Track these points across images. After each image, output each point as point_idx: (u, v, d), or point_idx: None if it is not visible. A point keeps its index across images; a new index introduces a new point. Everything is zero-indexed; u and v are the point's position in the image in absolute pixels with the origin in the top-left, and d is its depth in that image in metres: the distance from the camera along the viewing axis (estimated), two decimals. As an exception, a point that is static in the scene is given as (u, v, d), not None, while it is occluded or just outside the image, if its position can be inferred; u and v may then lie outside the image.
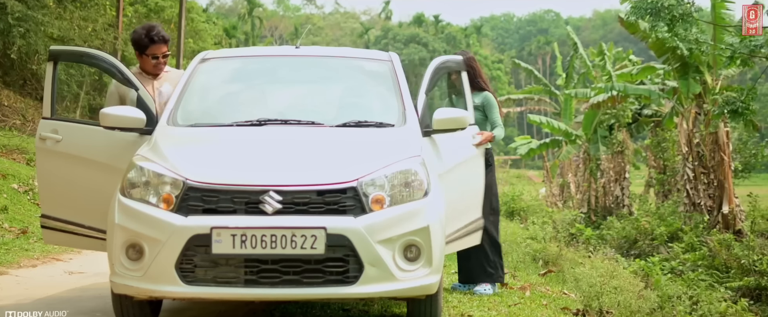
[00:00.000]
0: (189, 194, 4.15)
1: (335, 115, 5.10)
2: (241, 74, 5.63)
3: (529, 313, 5.89)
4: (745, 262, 12.25)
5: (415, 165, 4.37)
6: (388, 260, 4.13)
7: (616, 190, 21.88)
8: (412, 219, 4.22)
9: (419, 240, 4.23)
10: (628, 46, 38.37)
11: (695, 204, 16.71)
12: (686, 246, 14.48)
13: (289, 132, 4.80)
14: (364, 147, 4.57)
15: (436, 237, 4.29)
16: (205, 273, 4.08)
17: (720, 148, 16.45)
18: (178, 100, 5.11)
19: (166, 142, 4.62)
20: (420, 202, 4.29)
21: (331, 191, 4.16)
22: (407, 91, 5.26)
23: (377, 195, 4.21)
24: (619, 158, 22.06)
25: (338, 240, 4.05)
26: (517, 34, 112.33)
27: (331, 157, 4.42)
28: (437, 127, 5.02)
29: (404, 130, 4.88)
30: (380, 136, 4.78)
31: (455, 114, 5.07)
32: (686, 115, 17.21)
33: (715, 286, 11.39)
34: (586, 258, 8.18)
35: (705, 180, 16.65)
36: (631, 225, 17.30)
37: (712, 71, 16.93)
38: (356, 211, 4.15)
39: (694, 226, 15.52)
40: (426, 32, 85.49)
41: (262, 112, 5.03)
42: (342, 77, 5.58)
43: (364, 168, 4.26)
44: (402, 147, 4.57)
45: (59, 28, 16.26)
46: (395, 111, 5.09)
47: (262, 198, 4.12)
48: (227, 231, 4.04)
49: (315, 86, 5.52)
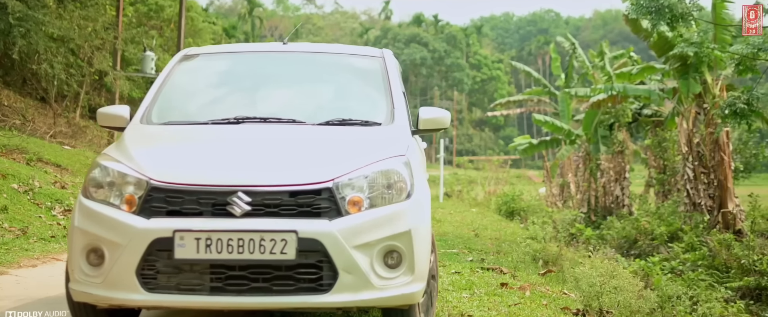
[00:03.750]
0: (152, 195, 3.89)
1: (319, 113, 4.80)
2: (224, 71, 5.40)
3: (529, 313, 5.88)
4: (745, 262, 12.25)
5: (397, 166, 4.11)
6: (365, 267, 3.85)
7: (616, 190, 21.89)
8: (393, 223, 3.95)
9: (400, 245, 3.95)
10: (628, 46, 38.39)
11: (695, 204, 16.72)
12: (686, 246, 14.48)
13: (266, 130, 4.53)
14: (344, 146, 4.31)
15: (420, 242, 4.03)
16: (167, 279, 3.81)
17: (720, 147, 16.45)
18: (154, 97, 4.90)
19: (135, 141, 4.40)
20: (401, 205, 4.02)
21: (305, 192, 3.89)
22: (399, 88, 5.04)
23: (354, 196, 3.94)
24: (619, 158, 22.07)
25: (310, 245, 3.79)
26: (517, 34, 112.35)
27: (308, 156, 4.15)
28: (424, 127, 4.84)
29: (391, 128, 4.63)
30: (364, 134, 4.50)
31: (440, 113, 4.89)
32: (686, 115, 17.21)
33: (715, 286, 11.39)
34: (586, 258, 8.18)
35: (705, 180, 16.65)
36: (631, 225, 17.31)
37: (712, 71, 16.93)
38: (331, 214, 3.87)
39: (694, 226, 15.53)
40: (426, 32, 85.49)
41: (241, 110, 4.80)
42: (329, 74, 5.34)
43: (342, 168, 4.00)
44: (386, 146, 4.30)
45: (59, 27, 16.24)
46: (383, 109, 4.85)
47: (229, 199, 3.84)
48: (191, 234, 3.77)
49: (300, 83, 5.25)
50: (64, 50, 17.09)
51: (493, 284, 7.11)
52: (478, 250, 10.76)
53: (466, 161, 63.42)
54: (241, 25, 66.62)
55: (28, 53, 16.40)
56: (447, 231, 13.52)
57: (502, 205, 22.57)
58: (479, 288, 6.77)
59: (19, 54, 15.81)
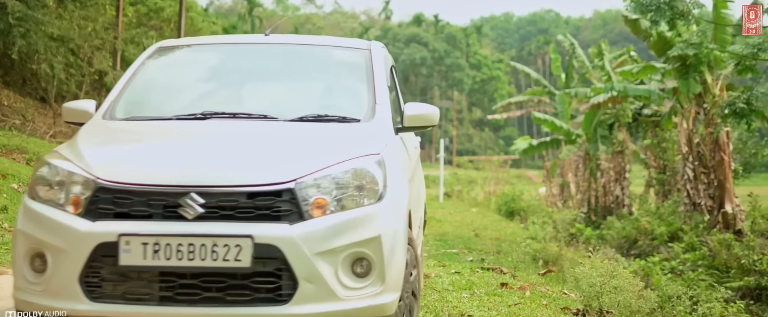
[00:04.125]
0: (99, 196, 3.58)
1: (294, 108, 4.43)
2: (199, 64, 5.08)
3: (529, 313, 5.88)
4: (746, 262, 12.25)
5: (369, 165, 3.76)
6: (329, 276, 3.53)
7: (616, 190, 21.90)
8: (361, 228, 3.62)
9: (369, 252, 3.62)
10: (628, 46, 38.37)
11: (695, 204, 16.72)
12: (686, 246, 14.49)
13: (232, 127, 4.21)
14: (314, 143, 3.96)
15: (391, 249, 3.69)
16: (113, 288, 3.50)
17: (720, 147, 16.45)
18: (120, 91, 4.58)
19: (89, 138, 4.09)
20: (371, 208, 3.68)
21: (264, 193, 3.56)
22: (383, 83, 4.66)
23: (319, 198, 3.61)
24: (619, 158, 22.08)
25: (268, 252, 3.46)
26: (517, 34, 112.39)
27: (271, 154, 3.81)
28: (409, 124, 4.51)
29: (370, 125, 4.26)
30: (339, 131, 4.14)
31: (427, 110, 4.54)
32: (686, 114, 17.21)
33: (715, 286, 11.39)
34: (586, 258, 8.16)
35: (705, 180, 16.66)
36: (631, 225, 17.32)
37: (712, 71, 16.93)
38: (293, 218, 3.55)
39: (694, 226, 15.53)
40: (426, 32, 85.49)
41: (211, 105, 4.46)
42: (310, 67, 4.97)
43: (306, 167, 3.67)
44: (360, 144, 3.95)
45: (59, 27, 16.25)
46: (364, 104, 4.46)
47: (181, 200, 3.53)
48: (137, 238, 3.45)
49: (278, 77, 4.88)
50: (64, 50, 17.10)
51: (493, 284, 7.11)
52: (478, 250, 10.77)
53: (466, 161, 63.43)
54: (241, 25, 66.62)
55: (28, 53, 16.40)
56: (447, 231, 13.51)
57: (502, 205, 22.58)
58: (479, 288, 6.77)
59: (18, 54, 15.82)
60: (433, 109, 4.54)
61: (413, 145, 5.44)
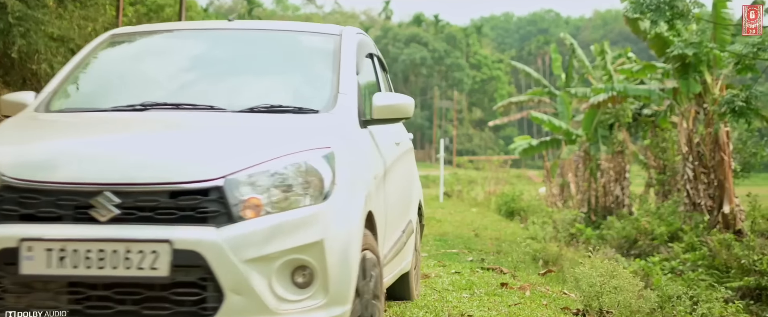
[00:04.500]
0: (4, 195, 3.18)
1: (247, 98, 4.02)
2: (152, 51, 4.65)
3: (529, 313, 5.88)
4: (745, 262, 12.25)
5: (313, 159, 3.34)
6: (261, 286, 3.11)
7: (616, 190, 21.91)
8: (301, 231, 3.20)
9: (310, 259, 3.20)
10: (628, 46, 38.38)
11: (695, 204, 16.72)
12: (686, 246, 14.49)
13: (171, 118, 3.81)
14: (257, 136, 3.54)
15: (339, 255, 3.27)
16: (16, 300, 3.10)
17: (720, 147, 16.46)
18: (60, 82, 4.22)
19: (10, 132, 3.71)
20: (314, 209, 3.26)
21: (188, 192, 3.14)
22: (351, 71, 4.21)
23: (252, 198, 3.19)
24: (619, 158, 22.08)
25: (189, 259, 3.05)
26: (517, 34, 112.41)
27: (204, 148, 3.39)
28: (379, 116, 4.08)
29: (329, 117, 3.82)
30: (291, 123, 3.71)
31: (398, 100, 4.13)
32: (686, 114, 17.21)
33: (715, 286, 11.39)
34: (586, 258, 8.16)
35: (705, 180, 16.66)
36: (631, 225, 17.32)
37: (712, 70, 16.93)
38: (221, 220, 3.13)
39: (694, 226, 15.53)
40: (426, 32, 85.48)
41: (156, 95, 4.04)
42: (272, 54, 4.50)
43: (240, 163, 3.24)
44: (310, 136, 3.52)
45: (59, 27, 16.25)
46: (325, 94, 4.00)
47: (94, 200, 3.12)
48: (40, 244, 3.05)
49: (235, 64, 4.41)
50: (64, 50, 17.09)
51: (493, 284, 7.11)
52: (478, 250, 10.77)
53: (467, 161, 63.43)
54: (241, 25, 66.60)
55: (27, 53, 16.39)
56: (447, 231, 13.51)
57: (502, 205, 22.58)
58: (479, 288, 6.77)
59: (18, 54, 15.81)
60: (406, 100, 4.15)
61: (394, 140, 4.92)
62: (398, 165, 4.86)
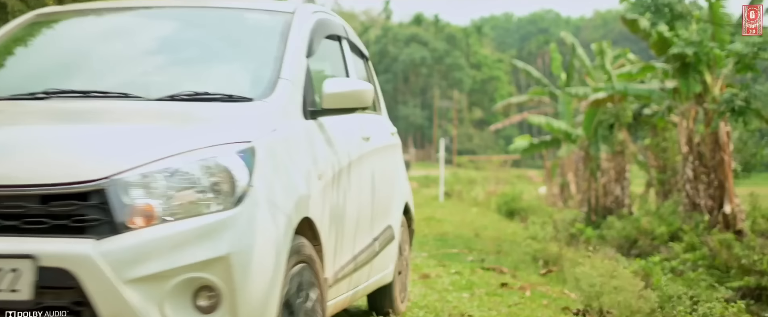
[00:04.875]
0: None
1: (171, 84, 3.47)
2: (74, 32, 4.10)
3: (530, 313, 5.88)
4: (746, 262, 12.25)
5: (225, 156, 2.77)
6: (150, 313, 2.55)
7: (617, 190, 21.91)
8: (204, 244, 2.62)
9: (214, 278, 2.62)
10: (628, 46, 38.39)
11: (695, 204, 16.71)
12: (687, 246, 14.48)
13: (71, 108, 3.28)
14: (164, 129, 2.97)
15: (249, 272, 2.68)
16: None
17: (720, 147, 16.45)
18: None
19: None
20: (221, 216, 2.68)
21: (62, 195, 2.58)
22: (297, 54, 3.62)
23: (142, 203, 2.62)
24: (620, 158, 22.08)
25: (57, 279, 2.50)
26: (517, 34, 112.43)
27: (94, 143, 2.81)
28: (330, 105, 3.51)
29: (262, 105, 3.25)
30: (214, 112, 3.16)
31: (352, 86, 3.57)
32: (686, 114, 17.21)
33: (715, 286, 11.40)
34: (586, 258, 8.16)
35: (705, 179, 16.66)
36: (632, 224, 17.32)
37: (712, 70, 16.93)
38: (102, 230, 2.58)
39: (694, 226, 15.53)
40: (426, 32, 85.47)
41: (66, 81, 3.52)
42: (210, 34, 3.97)
43: (131, 160, 2.68)
44: (230, 129, 2.96)
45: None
46: (263, 80, 3.43)
47: None
48: None
49: (166, 46, 3.88)
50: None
51: (493, 284, 7.11)
52: (479, 250, 10.77)
53: (467, 161, 63.44)
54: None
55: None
56: (447, 230, 13.52)
57: (503, 205, 22.60)
58: (479, 288, 6.78)
59: (19, 54, 15.84)
60: (362, 86, 3.60)
61: (361, 135, 4.24)
62: (366, 163, 4.22)
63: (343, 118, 3.78)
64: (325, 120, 3.64)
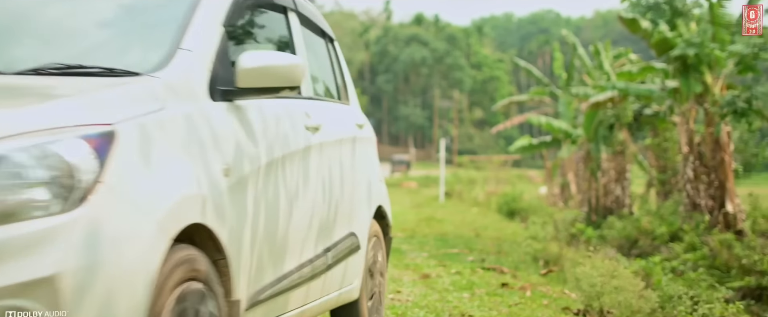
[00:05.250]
0: None
1: (43, 56, 2.85)
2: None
3: (530, 313, 5.88)
4: (746, 262, 12.25)
5: (65, 143, 2.09)
6: None
7: (617, 190, 21.91)
8: (24, 260, 1.92)
9: (36, 307, 1.91)
10: (628, 46, 38.42)
11: (696, 204, 16.71)
12: (687, 246, 14.49)
13: None
14: (2, 108, 2.24)
15: (85, 300, 1.97)
16: None
17: (721, 147, 16.45)
18: None
19: None
20: (50, 222, 1.99)
21: None
22: (208, 21, 2.98)
23: None
24: (620, 158, 22.09)
25: None
26: (517, 34, 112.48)
27: None
28: (246, 83, 2.86)
29: (149, 81, 2.61)
30: (77, 88, 2.48)
31: (275, 60, 2.90)
32: (687, 114, 17.21)
33: (716, 286, 11.40)
34: (586, 258, 8.16)
35: (706, 180, 16.66)
36: (632, 224, 17.33)
37: (713, 70, 16.93)
38: None
39: (694, 226, 15.53)
40: (426, 31, 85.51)
41: None
42: (114, 4, 3.24)
43: None
44: (87, 108, 2.28)
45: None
46: (158, 53, 2.80)
47: None
48: None
49: (47, 12, 3.20)
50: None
51: (493, 284, 7.11)
52: (479, 250, 10.77)
53: (467, 161, 63.48)
54: (242, 25, 66.65)
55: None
56: (447, 231, 13.52)
57: (503, 205, 22.60)
58: (480, 288, 6.77)
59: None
60: (289, 60, 2.95)
61: (304, 123, 3.50)
62: (314, 159, 3.53)
63: (276, 103, 3.20)
64: (245, 103, 2.97)
